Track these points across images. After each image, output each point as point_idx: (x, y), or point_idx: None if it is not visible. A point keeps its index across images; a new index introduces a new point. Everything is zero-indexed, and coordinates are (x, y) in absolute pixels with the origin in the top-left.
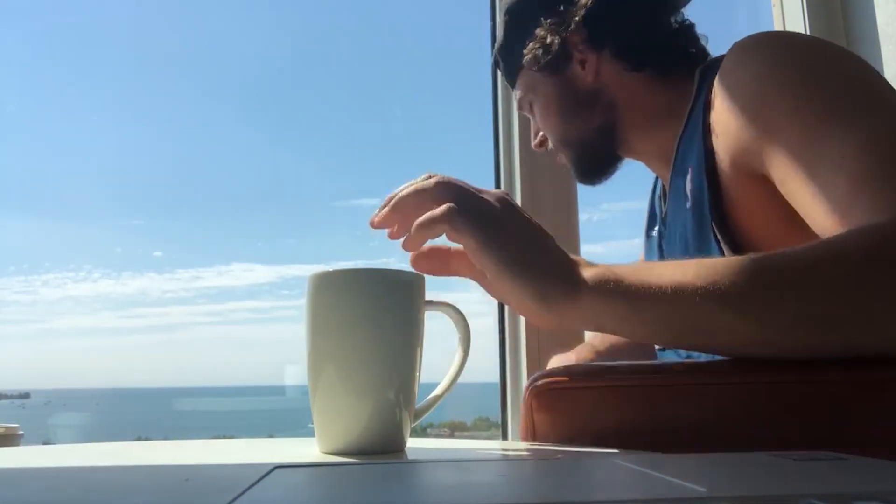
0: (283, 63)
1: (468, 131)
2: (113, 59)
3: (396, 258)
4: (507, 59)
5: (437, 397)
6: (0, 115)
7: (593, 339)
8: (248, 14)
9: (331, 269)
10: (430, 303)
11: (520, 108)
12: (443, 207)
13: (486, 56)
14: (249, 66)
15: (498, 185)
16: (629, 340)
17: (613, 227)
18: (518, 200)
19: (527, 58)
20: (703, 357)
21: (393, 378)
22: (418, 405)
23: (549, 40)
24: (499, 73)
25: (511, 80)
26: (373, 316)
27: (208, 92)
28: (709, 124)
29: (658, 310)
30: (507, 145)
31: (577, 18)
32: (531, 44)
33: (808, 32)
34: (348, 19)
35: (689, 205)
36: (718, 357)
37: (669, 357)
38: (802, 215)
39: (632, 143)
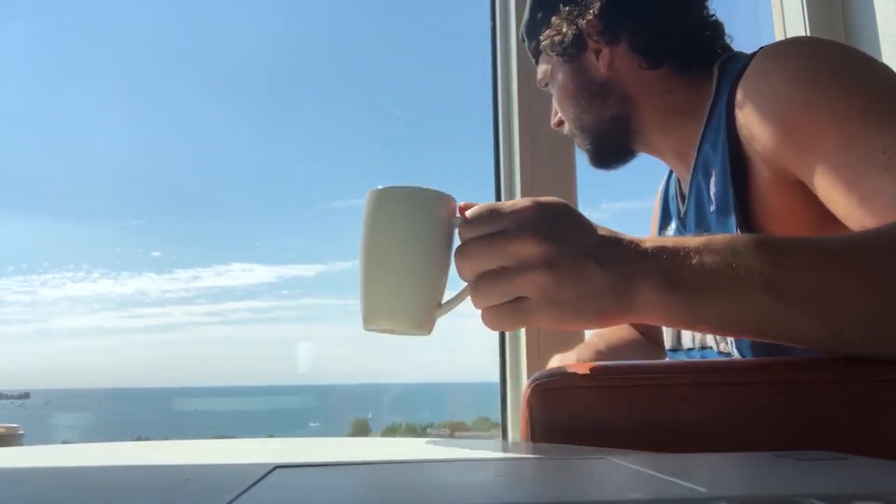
0: (283, 62)
1: (469, 131)
2: (111, 58)
3: None
4: (531, 38)
5: (460, 295)
6: (0, 115)
7: (594, 338)
8: (249, 13)
9: (391, 187)
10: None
11: (541, 84)
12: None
13: (486, 55)
14: (249, 65)
15: (498, 185)
16: (632, 340)
17: (612, 226)
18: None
19: (543, 43)
20: (707, 356)
21: (428, 273)
22: (444, 300)
23: (563, 29)
24: (499, 74)
25: (535, 58)
26: (419, 225)
27: (208, 91)
28: (734, 128)
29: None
30: (508, 145)
31: (593, 9)
32: (547, 30)
33: (808, 32)
34: (349, 18)
35: (713, 208)
36: (722, 357)
37: (680, 357)
38: (843, 218)
39: (649, 139)
